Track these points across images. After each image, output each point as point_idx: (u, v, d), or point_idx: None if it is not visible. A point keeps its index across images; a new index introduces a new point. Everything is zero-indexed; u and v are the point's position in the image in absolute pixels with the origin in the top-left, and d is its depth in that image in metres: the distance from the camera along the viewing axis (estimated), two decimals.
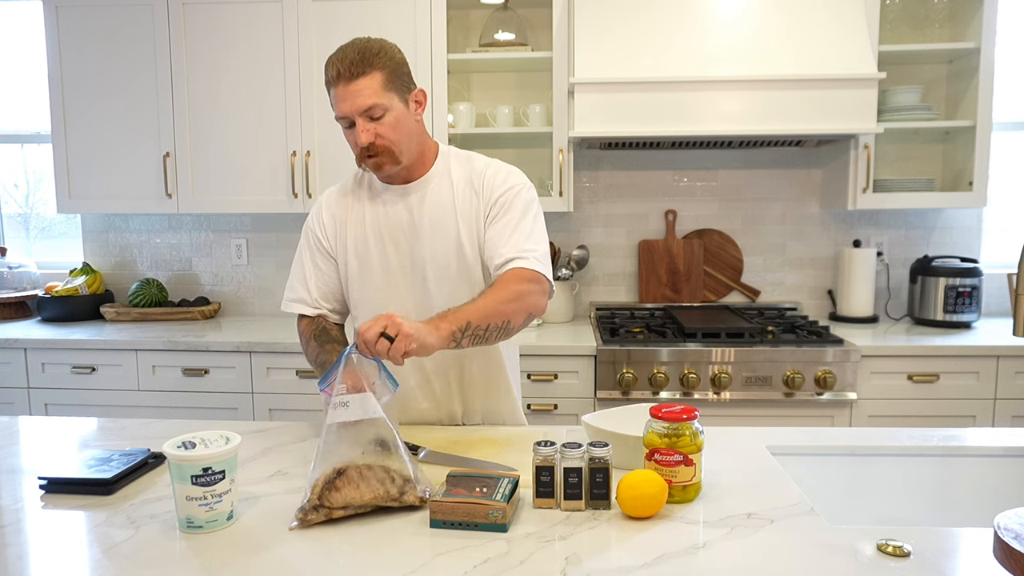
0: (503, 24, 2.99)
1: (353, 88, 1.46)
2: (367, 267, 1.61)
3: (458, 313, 1.39)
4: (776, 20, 2.66)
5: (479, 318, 1.40)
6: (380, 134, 1.49)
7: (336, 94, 1.48)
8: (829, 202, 3.06)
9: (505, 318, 1.45)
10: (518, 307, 1.47)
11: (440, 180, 1.60)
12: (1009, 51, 3.09)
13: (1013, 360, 2.56)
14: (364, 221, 1.62)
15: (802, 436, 1.55)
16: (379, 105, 1.47)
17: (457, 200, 1.58)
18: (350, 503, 1.16)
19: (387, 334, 1.25)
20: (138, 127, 2.98)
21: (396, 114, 1.50)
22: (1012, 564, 0.87)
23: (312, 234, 1.67)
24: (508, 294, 1.46)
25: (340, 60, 1.46)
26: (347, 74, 1.45)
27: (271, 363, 2.73)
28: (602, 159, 3.19)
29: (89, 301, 3.18)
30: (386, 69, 1.48)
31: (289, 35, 2.87)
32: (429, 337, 1.31)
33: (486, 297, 1.44)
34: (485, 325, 1.41)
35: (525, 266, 1.51)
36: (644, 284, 3.19)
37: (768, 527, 1.14)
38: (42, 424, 1.70)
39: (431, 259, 1.58)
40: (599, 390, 2.60)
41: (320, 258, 1.66)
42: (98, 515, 1.21)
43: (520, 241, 1.54)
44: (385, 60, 1.48)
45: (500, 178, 1.59)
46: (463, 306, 1.41)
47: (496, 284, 1.48)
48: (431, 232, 1.58)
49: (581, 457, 1.20)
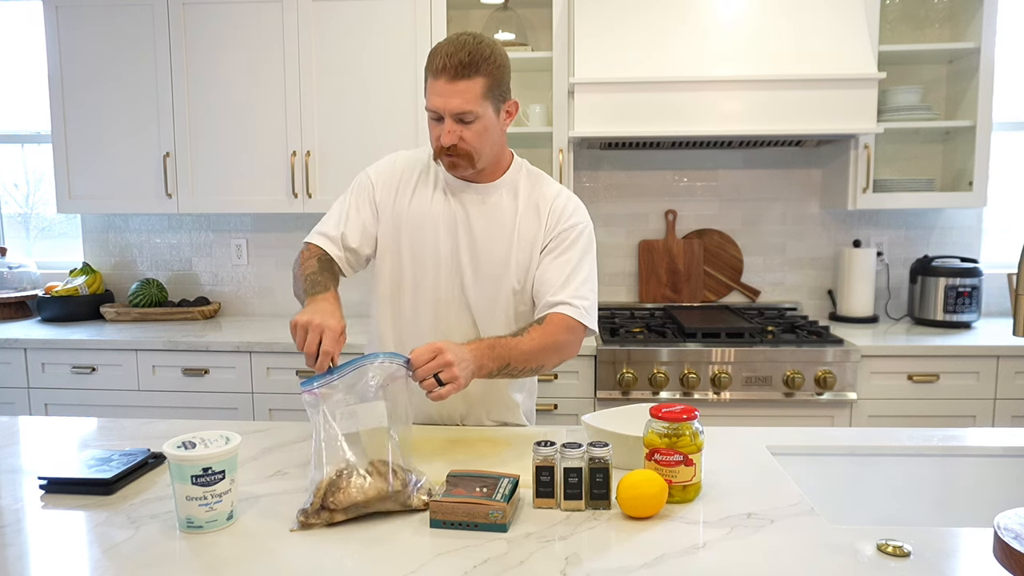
0: (503, 24, 2.99)
1: (453, 88, 1.43)
2: (416, 244, 1.59)
3: (503, 351, 1.40)
4: (776, 20, 2.66)
5: (520, 360, 1.43)
6: (464, 138, 1.47)
7: (434, 86, 1.45)
8: (829, 202, 3.06)
9: (541, 364, 1.48)
10: (556, 358, 1.50)
11: (507, 192, 1.59)
12: (1009, 51, 3.08)
13: (1013, 360, 2.56)
14: (428, 202, 1.59)
15: (802, 436, 1.55)
16: (473, 112, 1.45)
17: (519, 218, 1.58)
18: (354, 502, 1.15)
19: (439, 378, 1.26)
20: (138, 127, 2.98)
21: (486, 122, 1.49)
22: (1012, 564, 0.87)
23: (368, 181, 1.63)
24: (553, 343, 1.47)
25: (449, 55, 1.43)
26: (452, 72, 1.42)
27: (271, 363, 2.73)
28: (602, 159, 3.19)
29: (89, 301, 3.18)
30: (491, 77, 1.46)
31: (289, 35, 2.87)
32: (470, 377, 1.34)
33: (533, 339, 1.45)
34: (521, 367, 1.44)
35: (575, 316, 1.51)
36: (644, 284, 3.19)
37: (768, 527, 1.14)
38: (42, 424, 1.70)
39: (474, 263, 1.58)
40: (599, 390, 2.60)
41: (364, 205, 1.62)
42: (98, 515, 1.21)
43: (576, 287, 1.53)
44: (492, 68, 1.46)
45: (568, 211, 1.58)
46: (508, 342, 1.42)
47: (545, 328, 1.48)
48: (484, 239, 1.57)
49: (581, 457, 1.20)
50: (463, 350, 1.33)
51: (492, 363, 1.38)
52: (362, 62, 2.86)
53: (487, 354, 1.38)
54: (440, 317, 1.61)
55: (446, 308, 1.61)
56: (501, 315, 1.60)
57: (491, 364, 1.38)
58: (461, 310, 1.61)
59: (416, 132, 2.86)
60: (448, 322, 1.61)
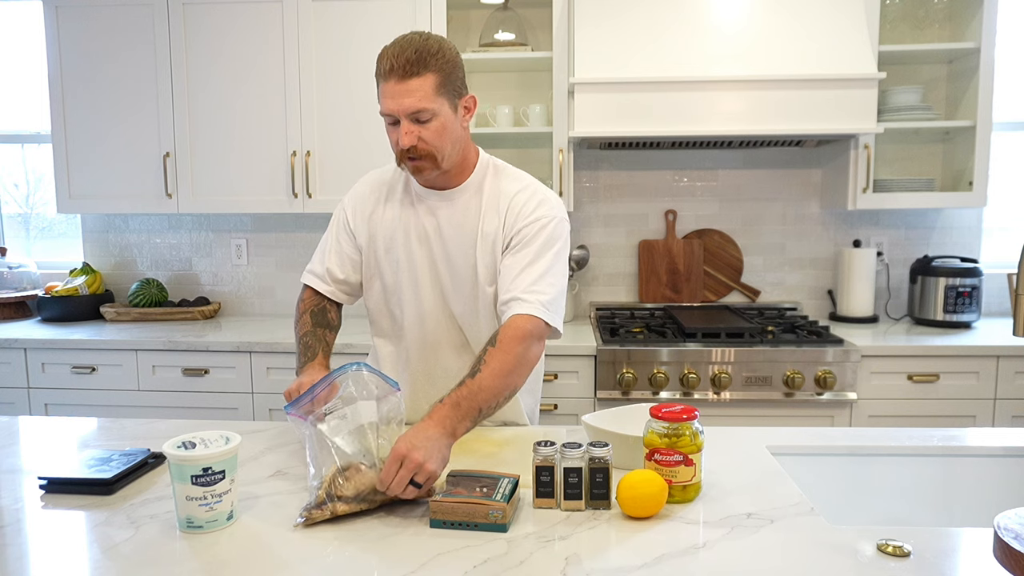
0: (503, 24, 2.99)
1: (404, 87, 1.40)
2: (392, 261, 1.60)
3: (469, 403, 1.31)
4: (776, 20, 2.66)
5: (490, 399, 1.34)
6: (424, 138, 1.44)
7: (385, 89, 1.42)
8: (829, 202, 3.06)
9: (511, 388, 1.40)
10: (521, 372, 1.41)
11: (472, 194, 1.56)
12: (1009, 51, 3.09)
13: (1013, 360, 2.56)
14: (397, 216, 1.59)
15: (802, 436, 1.55)
16: (428, 110, 1.41)
17: (483, 219, 1.54)
18: (360, 490, 1.17)
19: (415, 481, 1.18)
20: (138, 127, 2.98)
21: (443, 120, 1.44)
22: (1012, 564, 0.87)
23: (343, 212, 1.66)
24: (510, 362, 1.38)
25: (395, 55, 1.40)
26: (400, 72, 1.39)
27: (271, 363, 2.73)
28: (602, 159, 3.19)
29: (89, 301, 3.18)
30: (441, 72, 1.42)
31: (289, 35, 2.87)
32: (448, 453, 1.25)
33: (493, 370, 1.36)
34: (495, 403, 1.36)
35: (526, 311, 1.43)
36: (644, 284, 3.19)
37: (768, 527, 1.14)
38: (42, 424, 1.70)
39: (449, 271, 1.57)
40: (599, 390, 2.60)
41: (344, 236, 1.65)
42: (98, 515, 1.21)
43: (529, 281, 1.46)
44: (442, 62, 1.42)
45: (531, 206, 1.52)
46: (471, 388, 1.32)
47: (501, 347, 1.39)
48: (454, 245, 1.55)
49: (581, 457, 1.20)
50: (428, 433, 1.22)
51: (464, 422, 1.29)
52: (362, 62, 2.86)
53: (454, 416, 1.28)
54: (428, 329, 1.62)
55: (432, 320, 1.61)
56: (483, 321, 1.59)
57: (464, 424, 1.29)
58: (446, 319, 1.61)
59: None
60: (436, 333, 1.62)
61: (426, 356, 1.64)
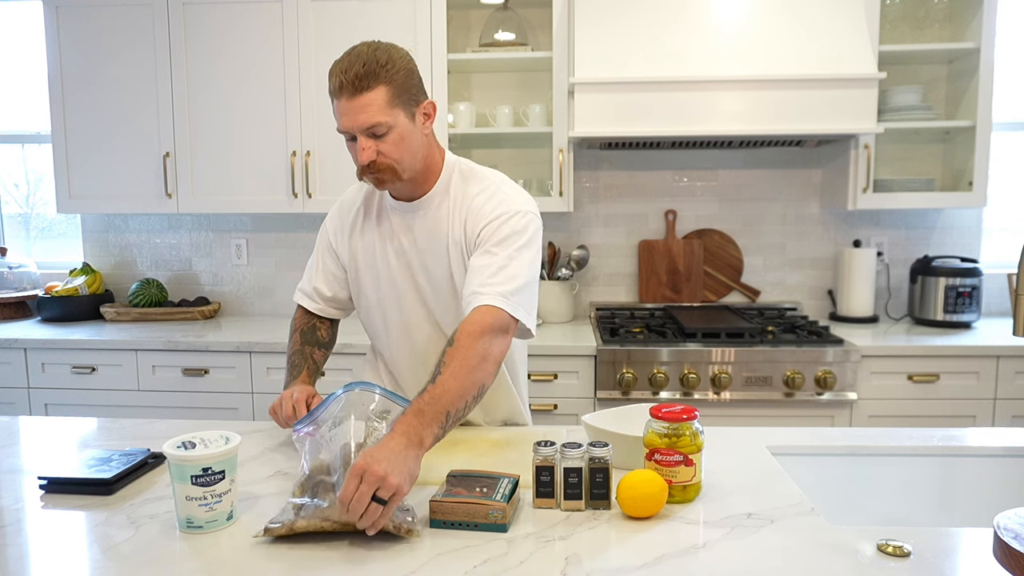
0: (503, 24, 2.99)
1: (356, 104, 1.36)
2: (373, 277, 1.61)
3: (435, 407, 1.22)
4: (776, 20, 2.66)
5: (457, 400, 1.26)
6: (382, 152, 1.40)
7: (339, 107, 1.38)
8: (829, 202, 3.06)
9: (478, 386, 1.30)
10: (486, 368, 1.32)
11: (440, 201, 1.53)
12: (1009, 51, 3.09)
13: (1013, 360, 2.56)
14: (374, 232, 1.59)
15: (802, 436, 1.55)
16: (383, 123, 1.37)
17: (451, 226, 1.51)
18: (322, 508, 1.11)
19: (379, 497, 1.08)
20: (138, 127, 2.98)
21: (401, 131, 1.40)
22: (1012, 564, 0.87)
23: (325, 232, 1.69)
24: (472, 358, 1.29)
25: (344, 71, 1.36)
26: (350, 88, 1.35)
27: (271, 363, 2.73)
28: (602, 159, 3.19)
29: (89, 301, 3.18)
30: (393, 83, 1.37)
31: (289, 35, 2.87)
32: (416, 466, 1.16)
33: (453, 372, 1.27)
34: (463, 404, 1.27)
35: (484, 303, 1.36)
36: (644, 284, 3.19)
37: (768, 527, 1.14)
38: (42, 424, 1.70)
39: (428, 282, 1.55)
40: (599, 390, 2.60)
41: (327, 255, 1.67)
42: (98, 515, 1.21)
43: (488, 274, 1.40)
44: (392, 73, 1.37)
45: (490, 207, 1.47)
46: (433, 394, 1.24)
47: (457, 347, 1.30)
48: (429, 255, 1.53)
49: (581, 457, 1.20)
50: (390, 445, 1.13)
51: (431, 428, 1.20)
52: None
53: (418, 424, 1.19)
54: (416, 340, 1.61)
55: (419, 331, 1.60)
56: None
57: (430, 430, 1.20)
58: (431, 329, 1.59)
59: None
60: (424, 343, 1.61)
61: (415, 366, 1.64)
